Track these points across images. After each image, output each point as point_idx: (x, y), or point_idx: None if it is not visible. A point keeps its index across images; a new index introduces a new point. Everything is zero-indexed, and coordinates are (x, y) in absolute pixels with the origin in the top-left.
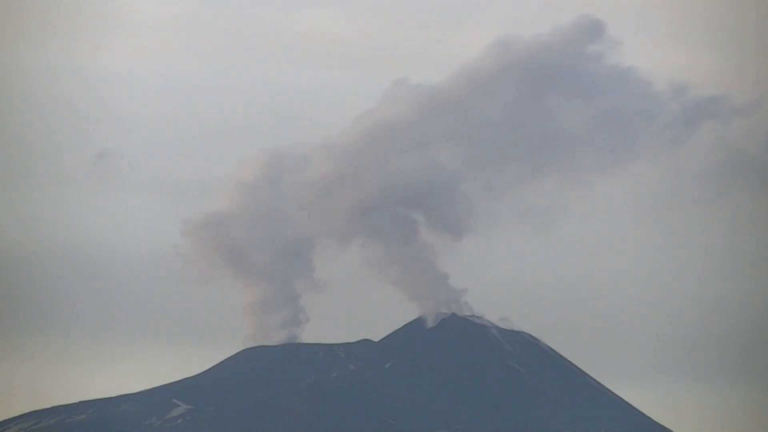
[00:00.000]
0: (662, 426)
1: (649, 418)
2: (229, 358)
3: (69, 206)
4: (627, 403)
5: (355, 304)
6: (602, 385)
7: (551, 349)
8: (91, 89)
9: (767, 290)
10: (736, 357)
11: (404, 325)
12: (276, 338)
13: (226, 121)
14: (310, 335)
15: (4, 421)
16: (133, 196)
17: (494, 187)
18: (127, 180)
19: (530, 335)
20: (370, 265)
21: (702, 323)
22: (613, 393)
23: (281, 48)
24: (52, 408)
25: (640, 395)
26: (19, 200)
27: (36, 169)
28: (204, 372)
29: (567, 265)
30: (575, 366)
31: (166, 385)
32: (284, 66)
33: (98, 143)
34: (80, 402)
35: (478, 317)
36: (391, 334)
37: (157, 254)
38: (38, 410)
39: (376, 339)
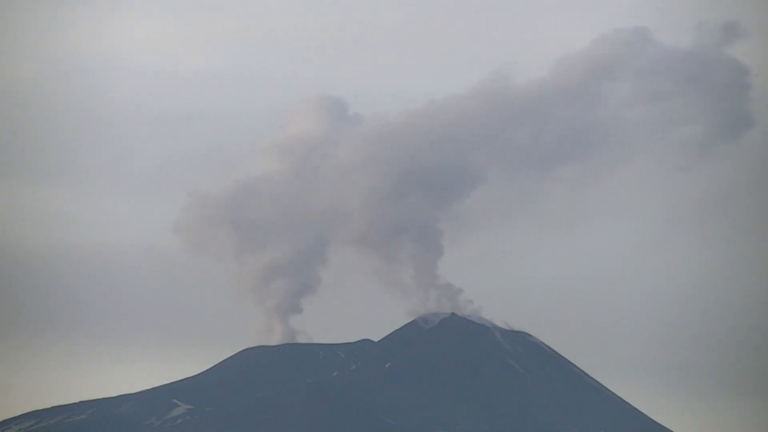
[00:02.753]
0: (662, 426)
1: (649, 418)
2: (229, 358)
3: (69, 206)
4: (627, 403)
5: (355, 304)
6: (602, 385)
7: (551, 349)
8: (92, 87)
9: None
10: (736, 358)
11: (404, 325)
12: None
13: (226, 116)
14: (310, 335)
15: (4, 421)
16: (134, 196)
17: (513, 187)
18: (128, 179)
19: (530, 335)
20: (371, 252)
21: (702, 324)
22: (613, 393)
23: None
24: (52, 408)
25: (640, 395)
26: (19, 200)
27: (35, 168)
28: (204, 372)
29: (567, 266)
30: (575, 366)
31: (166, 385)
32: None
33: (99, 142)
34: (80, 402)
35: (477, 317)
36: (391, 334)
37: (158, 254)
38: (38, 410)
39: (376, 339)
